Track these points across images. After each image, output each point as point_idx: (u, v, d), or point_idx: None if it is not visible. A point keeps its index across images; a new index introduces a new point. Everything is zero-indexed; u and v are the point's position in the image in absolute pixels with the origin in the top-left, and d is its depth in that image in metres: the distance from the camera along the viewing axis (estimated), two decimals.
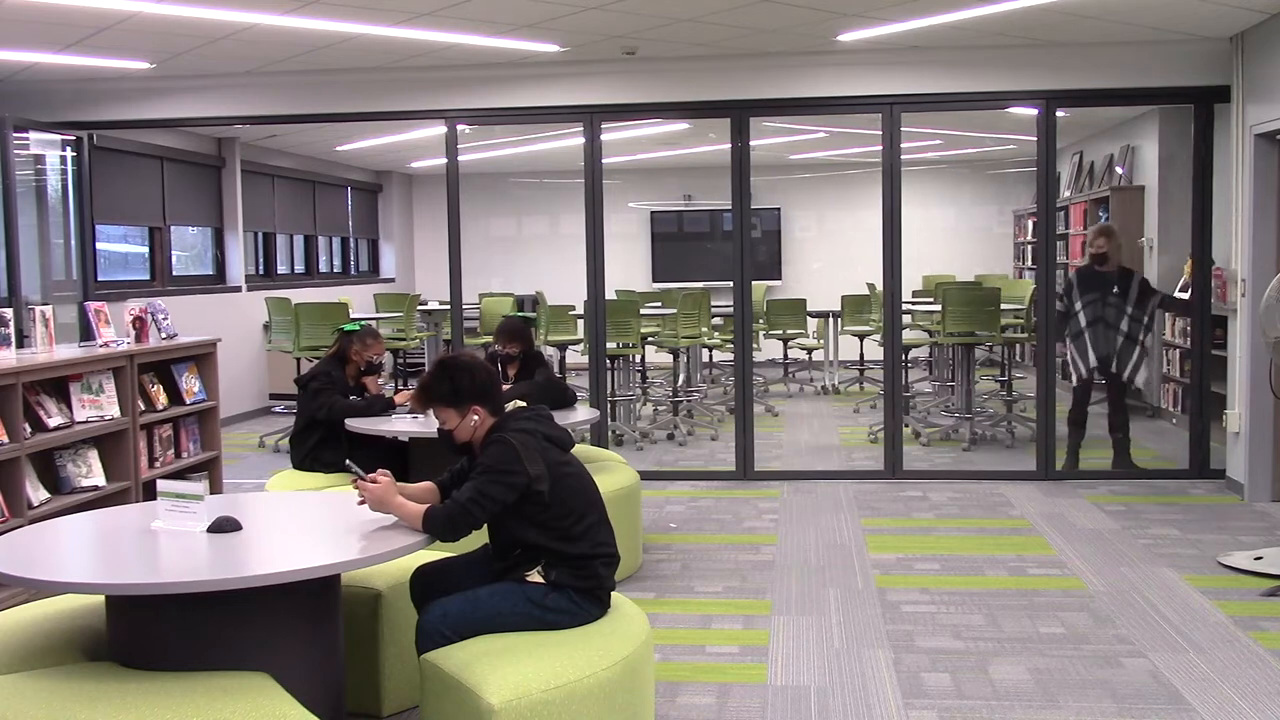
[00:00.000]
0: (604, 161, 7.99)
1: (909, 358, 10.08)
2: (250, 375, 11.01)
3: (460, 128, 8.03)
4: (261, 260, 11.81)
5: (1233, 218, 7.04)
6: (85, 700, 2.81)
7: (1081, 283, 7.70)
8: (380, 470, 3.50)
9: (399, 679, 3.80)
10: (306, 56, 7.34)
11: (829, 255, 14.37)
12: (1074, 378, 7.80)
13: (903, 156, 7.70)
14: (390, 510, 3.40)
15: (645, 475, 7.70)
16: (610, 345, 9.18)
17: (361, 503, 3.45)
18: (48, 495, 5.19)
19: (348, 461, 3.75)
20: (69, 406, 5.37)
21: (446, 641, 3.28)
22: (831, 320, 12.20)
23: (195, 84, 7.96)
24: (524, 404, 3.65)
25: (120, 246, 9.85)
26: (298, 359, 9.15)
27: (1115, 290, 7.57)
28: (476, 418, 3.49)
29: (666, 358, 11.03)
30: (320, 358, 6.57)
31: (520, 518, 3.39)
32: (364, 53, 7.26)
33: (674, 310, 10.00)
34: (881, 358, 12.06)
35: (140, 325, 5.97)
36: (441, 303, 12.43)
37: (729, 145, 7.78)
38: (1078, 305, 7.66)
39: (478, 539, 3.57)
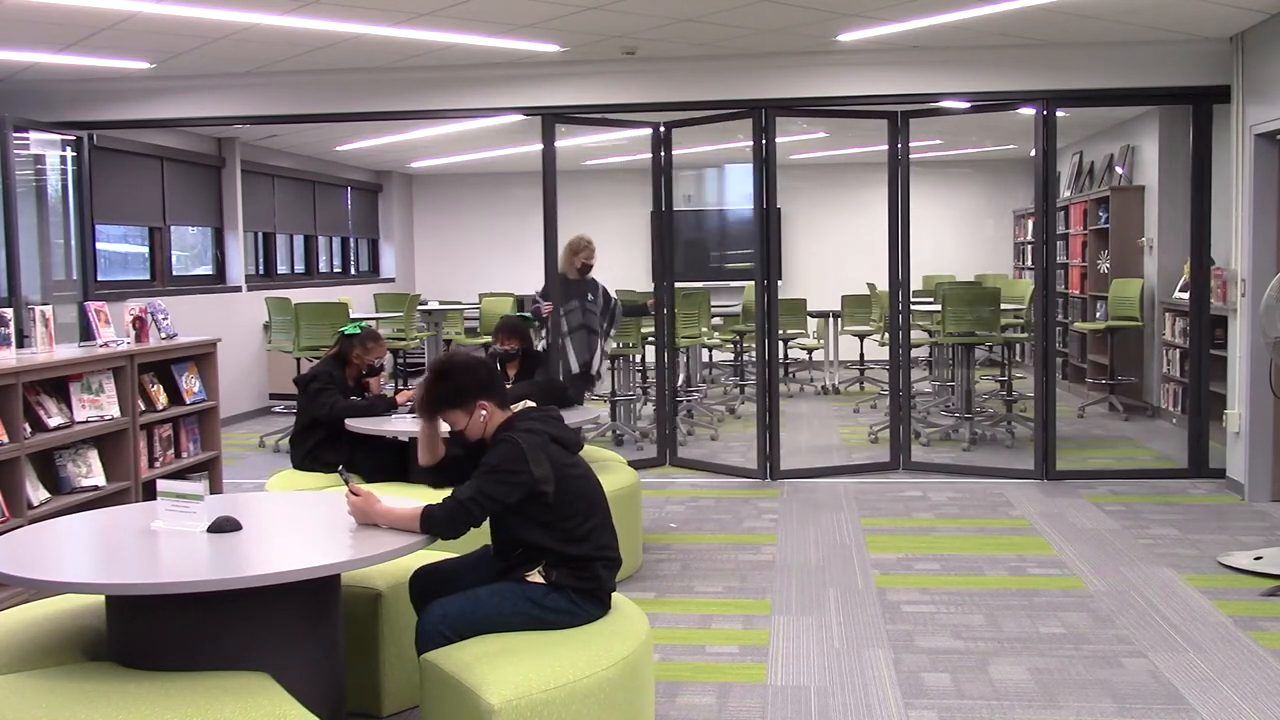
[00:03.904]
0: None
1: (909, 357, 10.09)
2: (250, 375, 11.02)
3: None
4: (261, 260, 11.81)
5: (1233, 218, 7.04)
6: (85, 700, 2.81)
7: (564, 291, 7.90)
8: (354, 488, 3.48)
9: (399, 679, 3.80)
10: (306, 56, 7.34)
11: (829, 255, 14.38)
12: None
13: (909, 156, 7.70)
14: (375, 519, 3.37)
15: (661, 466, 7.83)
16: (609, 345, 9.18)
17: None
18: (48, 495, 5.19)
19: (340, 468, 3.75)
20: (69, 406, 5.37)
21: (446, 641, 3.28)
22: (831, 320, 12.20)
23: (195, 84, 7.96)
24: (532, 404, 3.64)
25: (120, 246, 9.86)
26: (298, 359, 9.15)
27: (589, 298, 7.96)
28: (485, 412, 3.48)
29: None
30: (320, 358, 6.57)
31: (523, 517, 3.39)
32: (364, 53, 7.25)
33: (674, 310, 9.99)
34: (881, 358, 12.11)
35: (140, 325, 5.97)
36: (442, 303, 12.46)
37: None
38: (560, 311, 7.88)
39: (478, 539, 3.57)
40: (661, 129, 8.22)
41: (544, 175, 7.76)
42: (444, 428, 3.59)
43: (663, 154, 8.30)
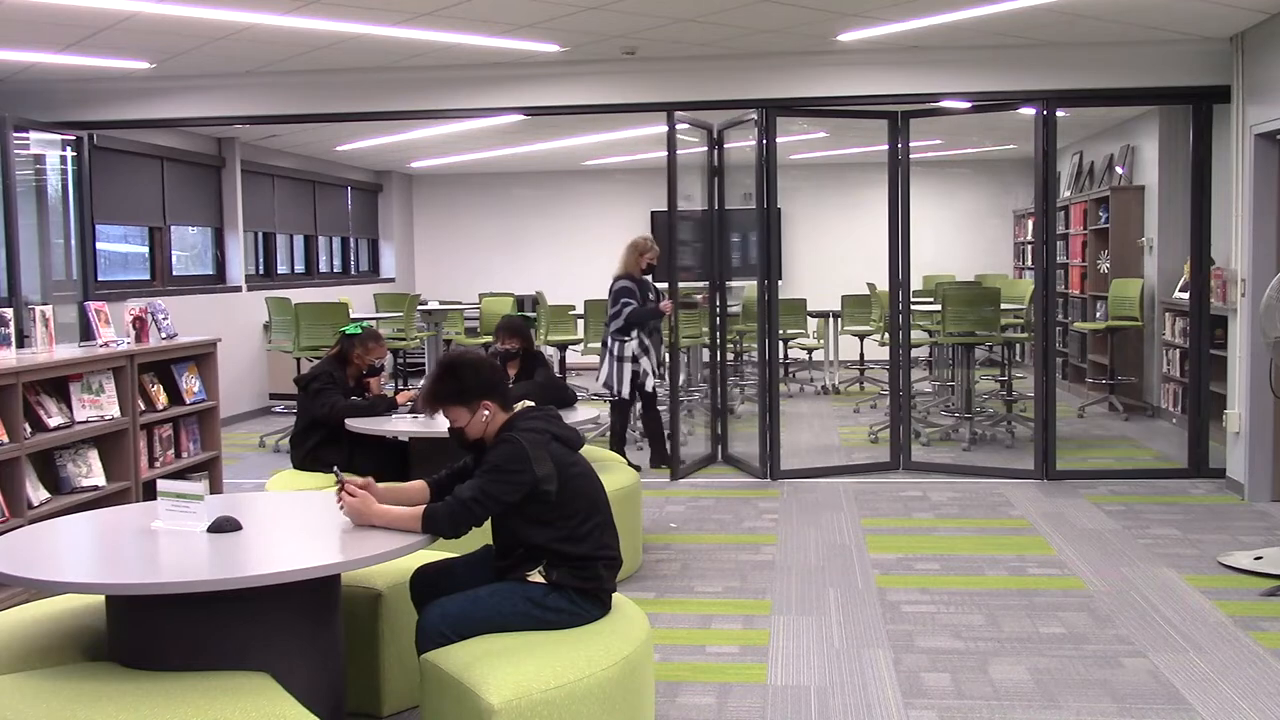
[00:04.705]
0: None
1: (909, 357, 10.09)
2: (250, 375, 11.02)
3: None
4: (261, 260, 11.81)
5: (1233, 218, 7.04)
6: (85, 700, 2.81)
7: (641, 293, 7.74)
8: (350, 482, 3.45)
9: (399, 679, 3.80)
10: (306, 56, 7.34)
11: (829, 255, 14.38)
12: (627, 389, 7.69)
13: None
14: (372, 521, 3.36)
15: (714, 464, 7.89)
16: None
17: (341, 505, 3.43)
18: (48, 495, 5.19)
19: (335, 468, 3.75)
20: (69, 406, 5.37)
21: (446, 641, 3.28)
22: (831, 320, 12.20)
23: (195, 84, 7.96)
24: (532, 404, 3.64)
25: (120, 246, 9.86)
26: (298, 359, 9.15)
27: (652, 297, 7.81)
28: (487, 413, 3.48)
29: (666, 357, 11.01)
30: (320, 358, 6.57)
31: (525, 516, 3.39)
32: (364, 53, 7.26)
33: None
34: (881, 358, 12.09)
35: (140, 325, 5.97)
36: (442, 303, 12.46)
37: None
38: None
39: (478, 538, 3.57)
40: (715, 129, 8.17)
41: (668, 167, 7.70)
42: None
43: (716, 153, 8.22)
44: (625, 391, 7.66)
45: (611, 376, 7.69)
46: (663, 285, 7.95)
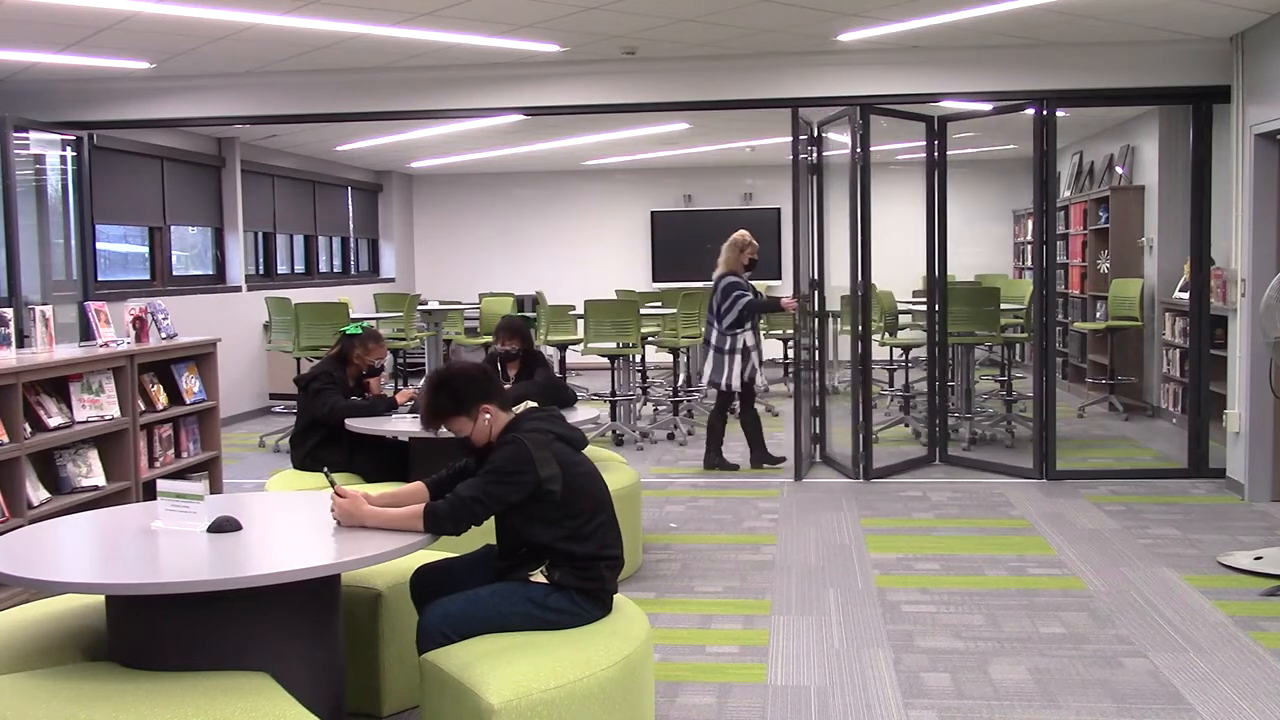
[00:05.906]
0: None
1: (909, 357, 10.10)
2: (250, 375, 11.02)
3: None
4: (261, 260, 11.81)
5: (1233, 218, 7.04)
6: (85, 700, 2.81)
7: (746, 288, 7.79)
8: (342, 489, 3.45)
9: (399, 679, 3.80)
10: (306, 56, 7.34)
11: (829, 255, 14.35)
12: (737, 382, 7.74)
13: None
14: (363, 522, 3.36)
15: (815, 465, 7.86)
16: (610, 345, 9.19)
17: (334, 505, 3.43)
18: (48, 495, 5.19)
19: (325, 470, 3.74)
20: (69, 406, 5.37)
21: (447, 641, 3.28)
22: (831, 320, 12.18)
23: (195, 84, 7.96)
24: (534, 404, 3.65)
25: (120, 246, 9.86)
26: (298, 359, 9.15)
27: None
28: (489, 416, 3.48)
29: (666, 357, 11.03)
30: (320, 358, 6.57)
31: (530, 516, 3.39)
32: (364, 53, 7.25)
33: (674, 310, 10.02)
34: (881, 357, 12.09)
35: (140, 325, 5.97)
36: (442, 303, 12.46)
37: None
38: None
39: (479, 538, 3.57)
40: (815, 126, 8.05)
41: (793, 166, 7.65)
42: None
43: (813, 151, 8.13)
44: (736, 384, 7.68)
45: (720, 371, 7.70)
46: (761, 284, 7.93)
